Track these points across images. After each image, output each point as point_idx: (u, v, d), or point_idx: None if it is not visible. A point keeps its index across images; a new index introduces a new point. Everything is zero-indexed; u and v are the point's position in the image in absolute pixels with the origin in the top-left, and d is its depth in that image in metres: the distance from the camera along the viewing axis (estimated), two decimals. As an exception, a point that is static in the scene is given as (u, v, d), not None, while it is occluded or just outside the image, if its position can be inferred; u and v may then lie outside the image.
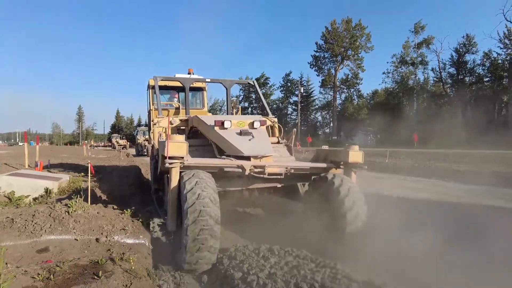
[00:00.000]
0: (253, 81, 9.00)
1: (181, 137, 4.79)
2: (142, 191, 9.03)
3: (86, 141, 51.66)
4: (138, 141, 33.23)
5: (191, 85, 8.54)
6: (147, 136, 28.45)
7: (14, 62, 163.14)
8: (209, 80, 8.70)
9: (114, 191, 7.96)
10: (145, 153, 28.45)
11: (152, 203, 7.78)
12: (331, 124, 57.25)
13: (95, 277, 3.00)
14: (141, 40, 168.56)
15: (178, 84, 8.57)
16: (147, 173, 14.01)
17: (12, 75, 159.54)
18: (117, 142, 50.44)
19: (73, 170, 11.87)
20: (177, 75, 8.82)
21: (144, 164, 17.49)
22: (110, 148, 50.93)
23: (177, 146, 4.61)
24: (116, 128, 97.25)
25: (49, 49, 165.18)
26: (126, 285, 2.97)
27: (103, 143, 77.87)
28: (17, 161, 12.23)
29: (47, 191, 7.08)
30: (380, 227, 6.18)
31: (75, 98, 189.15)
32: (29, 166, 10.82)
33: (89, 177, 5.45)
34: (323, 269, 4.01)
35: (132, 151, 37.93)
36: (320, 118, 64.72)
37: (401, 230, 6.57)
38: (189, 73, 9.15)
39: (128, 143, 53.27)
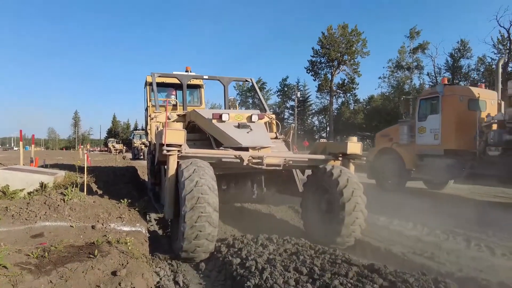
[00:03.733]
0: (250, 79, 9.00)
1: (179, 125, 4.76)
2: (138, 190, 8.95)
3: (82, 145, 51.29)
4: (135, 144, 33.00)
5: (189, 82, 8.54)
6: (144, 140, 28.31)
7: (8, 65, 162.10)
8: (206, 77, 8.70)
9: (110, 188, 7.86)
10: (142, 157, 28.27)
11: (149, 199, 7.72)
12: (328, 129, 57.37)
13: (91, 256, 2.94)
14: (138, 42, 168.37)
15: (175, 81, 8.57)
16: (143, 174, 13.92)
17: (5, 78, 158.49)
18: (113, 147, 50.17)
19: (69, 169, 11.76)
20: (175, 73, 8.81)
21: (141, 167, 17.38)
22: (107, 152, 50.66)
23: (175, 134, 4.58)
24: (112, 133, 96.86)
25: (45, 53, 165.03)
26: (122, 264, 2.91)
27: (99, 147, 77.47)
28: (12, 162, 12.11)
29: (43, 186, 6.96)
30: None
31: (71, 103, 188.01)
32: (24, 165, 10.69)
33: (85, 167, 5.38)
34: (323, 255, 3.97)
35: (129, 155, 37.72)
36: (316, 122, 64.95)
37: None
38: (186, 71, 9.15)
39: (125, 147, 53.01)
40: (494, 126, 9.08)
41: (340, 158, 5.79)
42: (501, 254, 4.76)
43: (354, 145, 5.61)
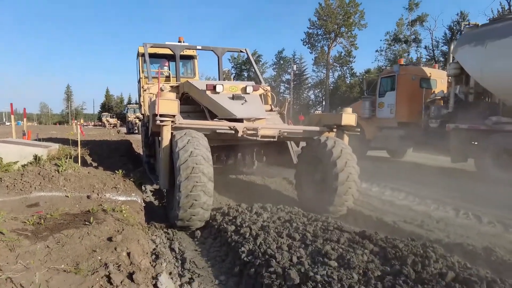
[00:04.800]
0: (245, 49, 8.81)
1: (172, 95, 4.69)
2: (133, 162, 8.96)
3: (76, 120, 50.72)
4: (129, 118, 32.71)
5: (182, 53, 8.34)
6: (138, 113, 28.03)
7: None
8: (200, 47, 8.49)
9: (104, 160, 7.87)
10: (136, 131, 28.12)
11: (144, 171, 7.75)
12: (324, 103, 57.09)
13: (87, 223, 2.98)
14: (130, 12, 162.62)
15: (168, 52, 8.35)
16: (138, 148, 13.90)
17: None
18: (108, 121, 49.69)
19: (63, 143, 11.70)
20: (167, 43, 8.59)
21: (135, 141, 17.33)
22: (101, 127, 50.24)
23: (168, 104, 4.52)
24: (106, 107, 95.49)
25: (35, 27, 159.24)
26: (118, 231, 2.96)
27: (93, 122, 76.68)
28: (4, 137, 11.98)
29: (36, 158, 6.94)
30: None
31: (62, 77, 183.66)
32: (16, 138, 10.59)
33: (79, 138, 5.33)
34: (315, 222, 4.07)
35: (123, 129, 37.47)
36: (312, 96, 64.40)
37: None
38: (179, 42, 8.91)
39: (119, 122, 52.55)
40: (440, 102, 10.26)
41: (334, 130, 5.81)
42: (487, 222, 4.91)
43: (348, 117, 5.61)
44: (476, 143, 8.82)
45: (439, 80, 11.57)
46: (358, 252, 3.10)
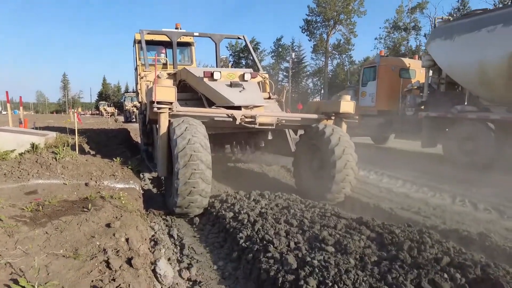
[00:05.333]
0: (243, 36, 8.70)
1: (169, 82, 4.64)
2: (131, 150, 8.94)
3: (73, 108, 50.37)
4: (126, 107, 32.48)
5: (179, 40, 8.23)
6: (135, 102, 27.84)
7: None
8: (197, 34, 8.37)
9: (102, 148, 7.84)
10: (134, 120, 27.96)
11: (142, 159, 7.75)
12: (322, 91, 56.85)
13: (85, 209, 2.99)
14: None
15: (165, 39, 8.24)
16: (136, 136, 13.86)
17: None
18: (105, 110, 49.32)
19: (60, 132, 11.64)
20: (164, 30, 8.47)
21: (133, 129, 17.27)
22: (98, 115, 49.94)
23: (165, 91, 4.48)
24: (103, 96, 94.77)
25: (30, 14, 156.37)
26: (116, 217, 2.98)
27: (90, 111, 76.16)
28: (0, 126, 11.90)
29: (34, 146, 6.91)
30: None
31: (59, 66, 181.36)
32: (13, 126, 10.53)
33: (76, 126, 5.30)
34: (313, 209, 4.10)
35: (121, 118, 37.27)
36: (311, 85, 64.06)
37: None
38: (176, 28, 8.79)
39: (117, 110, 52.21)
40: (417, 92, 10.82)
41: (333, 117, 5.79)
42: (483, 208, 4.96)
43: (347, 104, 5.59)
44: (446, 130, 9.39)
45: (418, 70, 11.99)
46: (355, 238, 3.13)
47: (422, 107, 10.33)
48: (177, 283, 2.61)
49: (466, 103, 9.35)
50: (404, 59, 12.87)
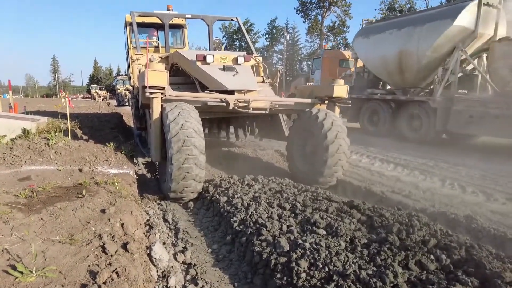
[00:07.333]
0: (236, 18, 8.54)
1: (161, 66, 4.59)
2: (124, 135, 8.89)
3: (64, 92, 49.46)
4: (118, 90, 31.98)
5: (171, 22, 8.06)
6: (127, 85, 27.41)
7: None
8: (189, 16, 8.20)
9: (95, 133, 7.78)
10: (126, 103, 27.61)
11: (136, 144, 7.72)
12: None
13: (79, 195, 3.01)
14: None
15: (157, 21, 8.07)
16: (129, 121, 13.75)
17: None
18: (97, 93, 48.52)
19: (52, 116, 11.49)
20: (156, 11, 8.27)
21: (126, 113, 17.10)
22: (90, 99, 49.17)
23: (157, 75, 4.44)
24: (94, 79, 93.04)
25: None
26: (111, 203, 3.01)
27: (82, 94, 74.91)
28: (-10, 109, 11.69)
29: (25, 132, 6.83)
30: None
31: (48, 48, 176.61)
32: (3, 111, 10.35)
33: (67, 110, 5.25)
34: (305, 193, 4.17)
35: (113, 102, 36.76)
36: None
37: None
38: (168, 10, 8.59)
39: (109, 94, 51.41)
40: (349, 79, 13.01)
41: (326, 102, 5.81)
42: (471, 191, 5.09)
43: (340, 88, 5.59)
44: (361, 107, 12.18)
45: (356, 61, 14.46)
46: (346, 221, 3.21)
47: (351, 91, 12.01)
48: (172, 266, 2.67)
49: (380, 87, 12.58)
50: (344, 52, 16.66)
